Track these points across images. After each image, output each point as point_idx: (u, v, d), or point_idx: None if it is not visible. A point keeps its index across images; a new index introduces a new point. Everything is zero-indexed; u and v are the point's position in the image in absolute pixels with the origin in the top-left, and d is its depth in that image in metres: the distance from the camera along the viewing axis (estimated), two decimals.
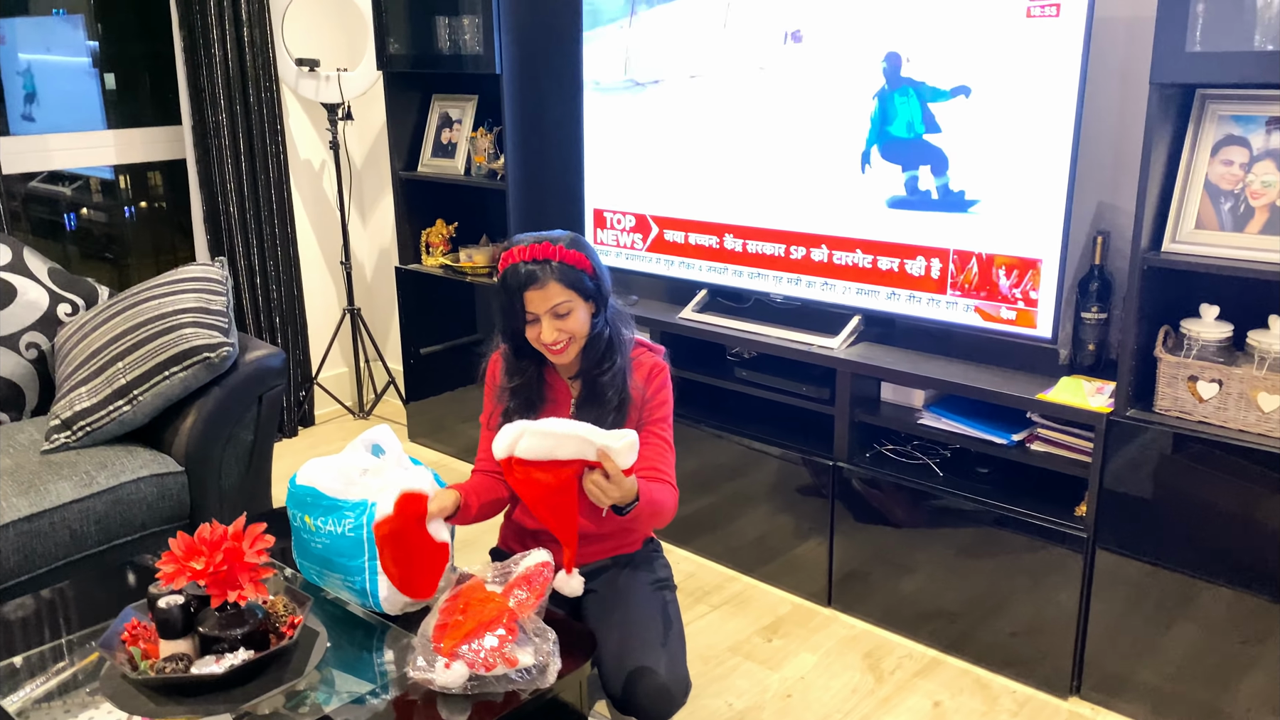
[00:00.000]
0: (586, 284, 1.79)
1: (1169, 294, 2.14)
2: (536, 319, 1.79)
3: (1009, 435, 2.35)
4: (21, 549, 2.20)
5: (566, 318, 1.78)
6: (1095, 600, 2.23)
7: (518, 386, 1.88)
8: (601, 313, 1.83)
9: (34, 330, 2.70)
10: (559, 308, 1.77)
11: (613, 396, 1.83)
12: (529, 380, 1.88)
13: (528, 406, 1.89)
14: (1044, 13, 2.16)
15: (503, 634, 1.58)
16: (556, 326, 1.78)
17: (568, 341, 1.80)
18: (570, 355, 1.83)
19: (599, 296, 1.82)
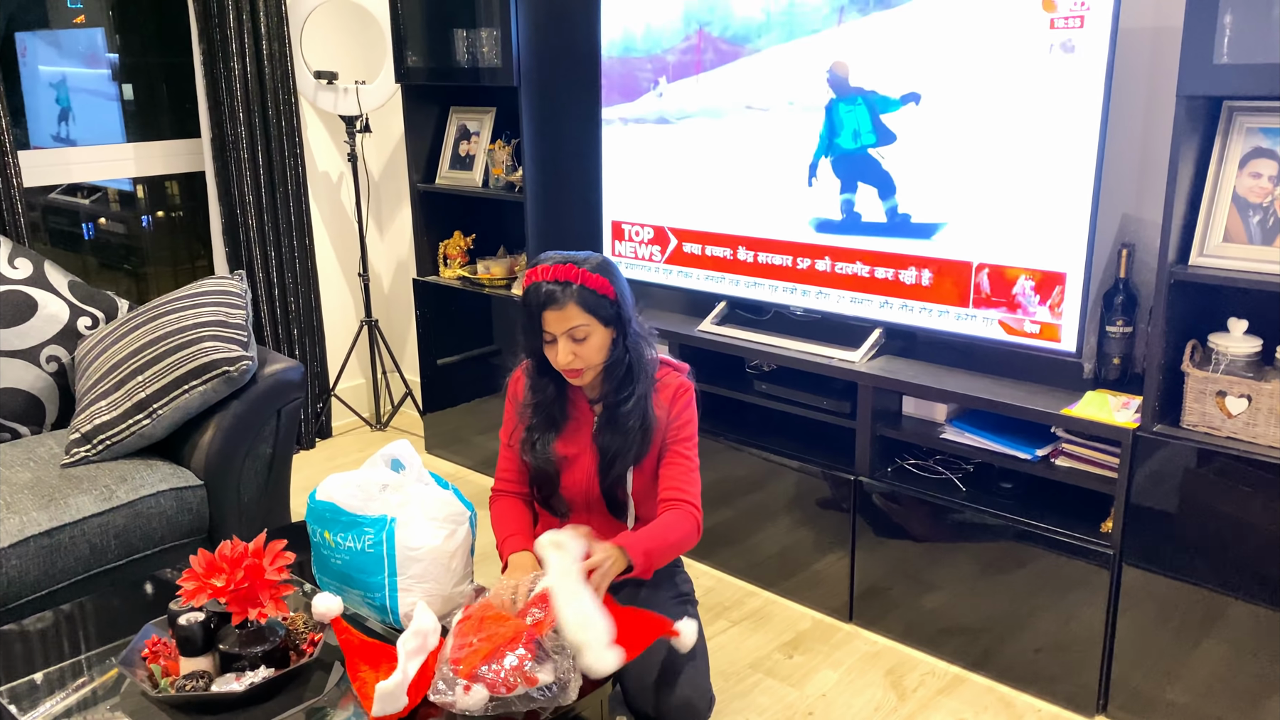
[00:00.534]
0: (606, 309, 1.78)
1: (1196, 308, 2.11)
2: (554, 339, 1.78)
3: (1033, 450, 2.32)
4: (41, 563, 2.20)
5: (583, 342, 1.77)
6: (1122, 617, 2.20)
7: (540, 403, 1.88)
8: (621, 339, 1.81)
9: (54, 344, 2.70)
10: (576, 331, 1.76)
11: (634, 425, 1.82)
12: (550, 398, 1.88)
13: (549, 424, 1.88)
14: (1068, 24, 2.14)
15: (522, 653, 1.57)
16: (572, 350, 1.77)
17: (583, 368, 1.79)
18: (586, 379, 1.83)
19: (619, 323, 1.80)
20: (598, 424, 1.86)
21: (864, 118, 2.47)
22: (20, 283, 2.69)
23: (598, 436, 1.86)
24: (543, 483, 1.92)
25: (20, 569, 2.17)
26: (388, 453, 1.92)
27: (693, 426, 1.89)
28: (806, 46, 2.54)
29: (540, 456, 1.88)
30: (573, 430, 1.88)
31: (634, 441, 1.83)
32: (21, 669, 1.77)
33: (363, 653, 1.66)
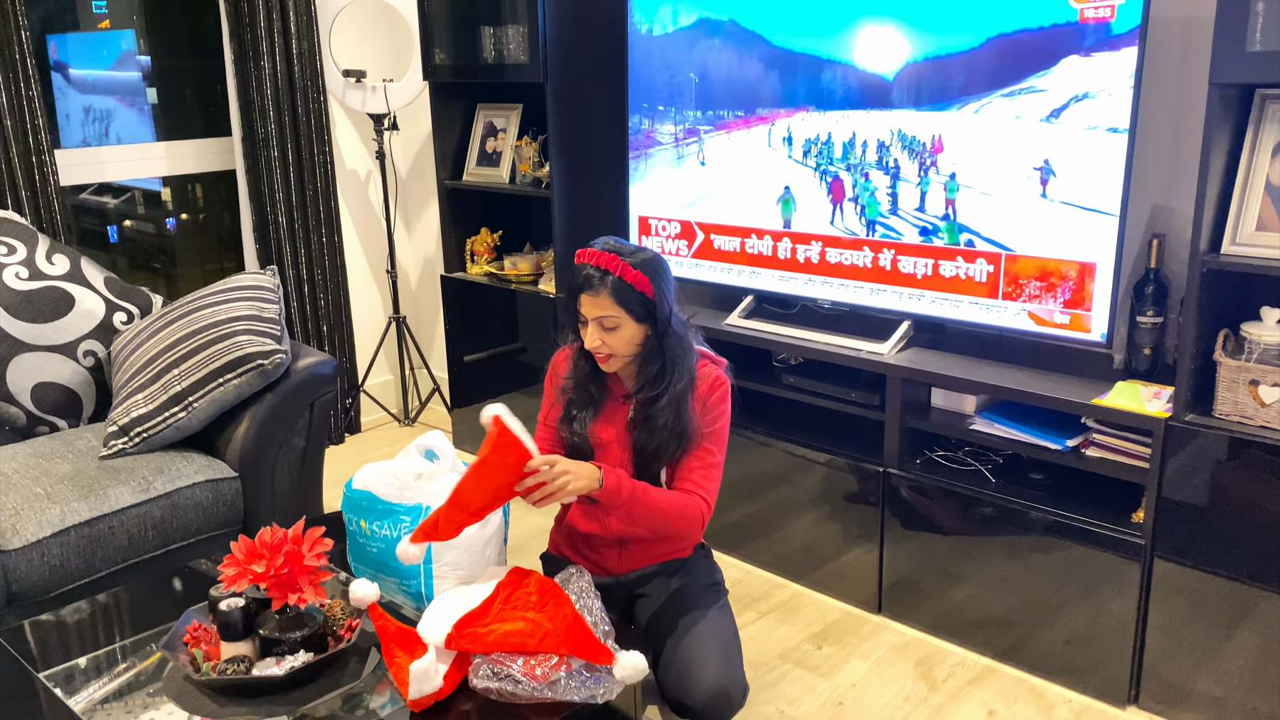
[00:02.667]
0: (639, 306, 1.79)
1: (1228, 297, 2.11)
2: (586, 322, 1.80)
3: (1064, 441, 2.32)
4: (82, 552, 2.24)
5: (612, 332, 1.79)
6: (1154, 608, 2.20)
7: (579, 380, 1.89)
8: (656, 338, 1.82)
9: (91, 338, 2.74)
10: (605, 320, 1.78)
11: (666, 424, 1.82)
12: (587, 376, 1.89)
13: (588, 401, 1.90)
14: (1098, 14, 2.14)
15: (556, 661, 1.59)
16: (600, 336, 1.79)
17: (608, 354, 1.81)
18: (614, 367, 1.84)
19: (654, 321, 1.81)
20: (632, 418, 1.88)
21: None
22: (58, 279, 2.74)
23: (632, 429, 1.87)
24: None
25: (61, 558, 2.21)
26: (422, 443, 1.95)
27: (724, 422, 1.89)
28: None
29: (577, 434, 1.89)
30: (609, 414, 1.90)
31: (670, 442, 1.83)
32: (65, 655, 1.80)
33: (398, 638, 1.69)
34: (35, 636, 1.87)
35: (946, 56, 2.37)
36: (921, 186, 2.47)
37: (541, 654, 1.60)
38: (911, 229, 2.51)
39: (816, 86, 2.61)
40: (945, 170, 2.42)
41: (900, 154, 2.49)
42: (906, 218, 2.52)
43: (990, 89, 2.32)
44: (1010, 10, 2.26)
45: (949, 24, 2.36)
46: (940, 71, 2.39)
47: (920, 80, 2.43)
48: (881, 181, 2.53)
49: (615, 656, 1.63)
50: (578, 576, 1.77)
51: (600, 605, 1.73)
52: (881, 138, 2.51)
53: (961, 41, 2.34)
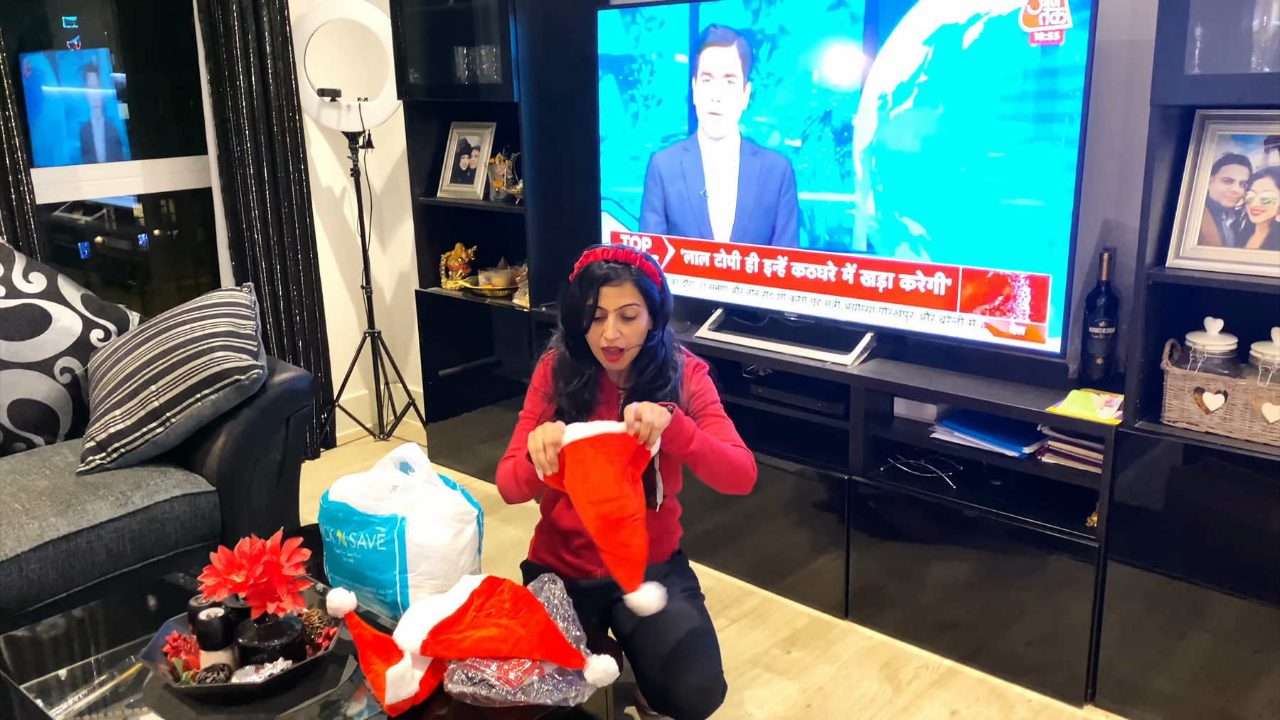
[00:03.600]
0: (655, 296, 1.91)
1: (1174, 308, 2.19)
2: (604, 316, 1.87)
3: (1020, 448, 2.40)
4: (60, 567, 2.27)
5: (631, 321, 1.88)
6: (1108, 609, 2.27)
7: (575, 390, 1.95)
8: (659, 332, 1.93)
9: (68, 355, 2.77)
10: (627, 309, 1.87)
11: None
12: (585, 382, 1.96)
13: (583, 408, 1.96)
14: (1048, 38, 2.23)
15: (529, 666, 1.64)
16: (619, 328, 1.87)
17: (624, 349, 1.88)
18: (623, 363, 1.92)
19: (660, 314, 1.93)
20: (624, 402, 1.94)
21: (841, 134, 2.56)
22: (35, 296, 2.76)
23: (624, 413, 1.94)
24: None
25: (40, 573, 2.24)
26: (397, 455, 2.00)
27: (714, 393, 2.02)
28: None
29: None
30: (602, 414, 1.96)
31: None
32: (45, 667, 1.83)
33: (375, 646, 1.73)
34: (14, 649, 1.90)
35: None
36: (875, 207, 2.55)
37: (515, 659, 1.66)
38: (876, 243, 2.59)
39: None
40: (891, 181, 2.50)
41: (870, 166, 2.57)
42: (873, 236, 2.60)
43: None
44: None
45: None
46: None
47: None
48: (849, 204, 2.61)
49: (587, 661, 1.69)
50: (550, 584, 1.82)
51: (573, 612, 1.79)
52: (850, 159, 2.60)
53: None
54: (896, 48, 2.44)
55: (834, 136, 2.61)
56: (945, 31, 2.37)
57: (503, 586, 1.77)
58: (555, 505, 2.07)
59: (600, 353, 1.92)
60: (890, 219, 2.54)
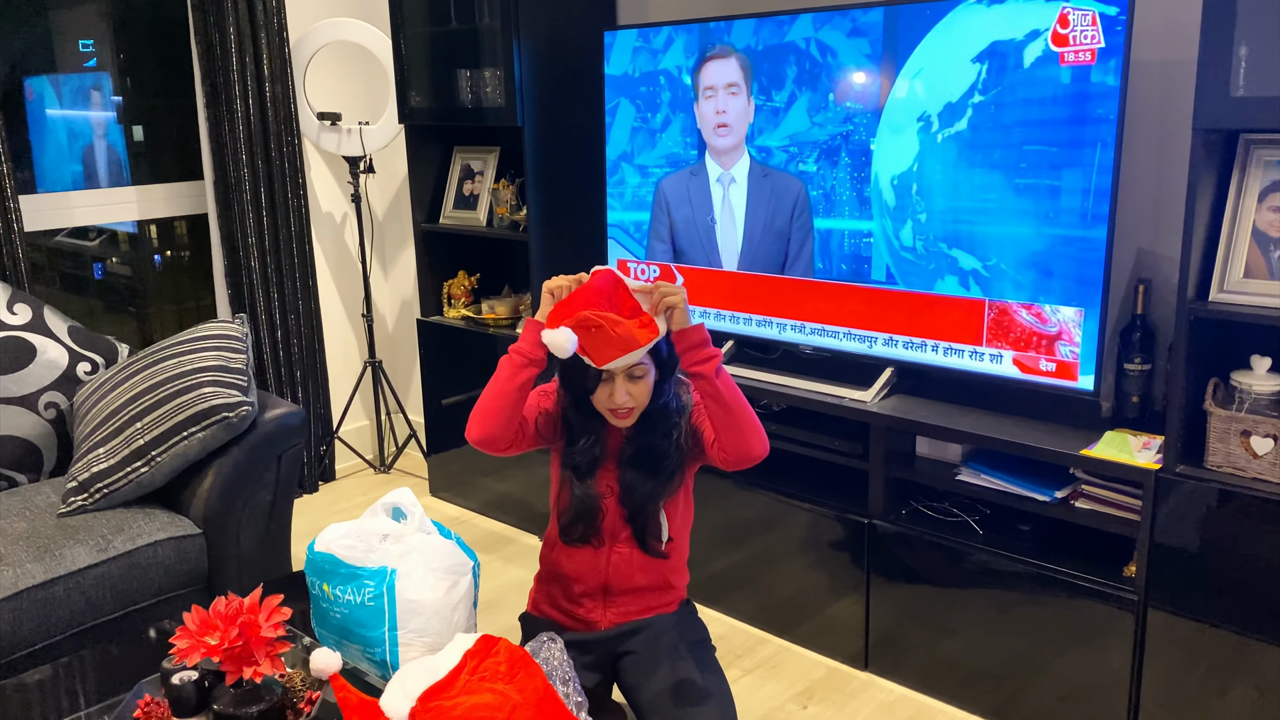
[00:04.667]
0: (661, 351, 1.75)
1: (1217, 345, 2.06)
2: (610, 379, 1.74)
3: (1051, 492, 2.27)
4: (36, 616, 2.15)
5: (639, 381, 1.74)
6: (1148, 663, 2.13)
7: (585, 447, 1.83)
8: (666, 382, 1.80)
9: (53, 390, 2.67)
10: (635, 370, 1.73)
11: (666, 464, 1.80)
12: (594, 441, 1.83)
13: (593, 464, 1.84)
14: (1079, 58, 2.11)
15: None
16: (628, 389, 1.73)
17: (633, 407, 1.76)
18: (631, 421, 1.79)
19: (666, 366, 1.78)
20: (622, 454, 1.83)
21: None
22: (19, 329, 2.66)
23: (622, 467, 1.82)
24: (585, 520, 1.85)
25: (14, 623, 2.12)
26: (389, 501, 1.87)
27: None
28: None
29: (587, 495, 1.84)
30: (608, 463, 1.85)
31: (664, 482, 1.81)
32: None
33: (361, 711, 1.60)
34: None
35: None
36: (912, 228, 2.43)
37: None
38: (900, 271, 2.47)
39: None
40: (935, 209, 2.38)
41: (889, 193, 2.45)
42: (892, 262, 2.48)
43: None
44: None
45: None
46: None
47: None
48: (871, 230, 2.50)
49: None
50: (550, 644, 1.69)
51: (574, 674, 1.66)
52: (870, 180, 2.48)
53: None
54: (938, 66, 2.31)
55: (851, 161, 2.49)
56: (999, 49, 2.23)
57: (499, 647, 1.64)
58: (555, 550, 1.95)
59: (607, 414, 1.79)
60: (934, 249, 2.40)
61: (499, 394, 1.75)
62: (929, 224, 2.37)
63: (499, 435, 1.78)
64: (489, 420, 1.77)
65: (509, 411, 1.76)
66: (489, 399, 1.77)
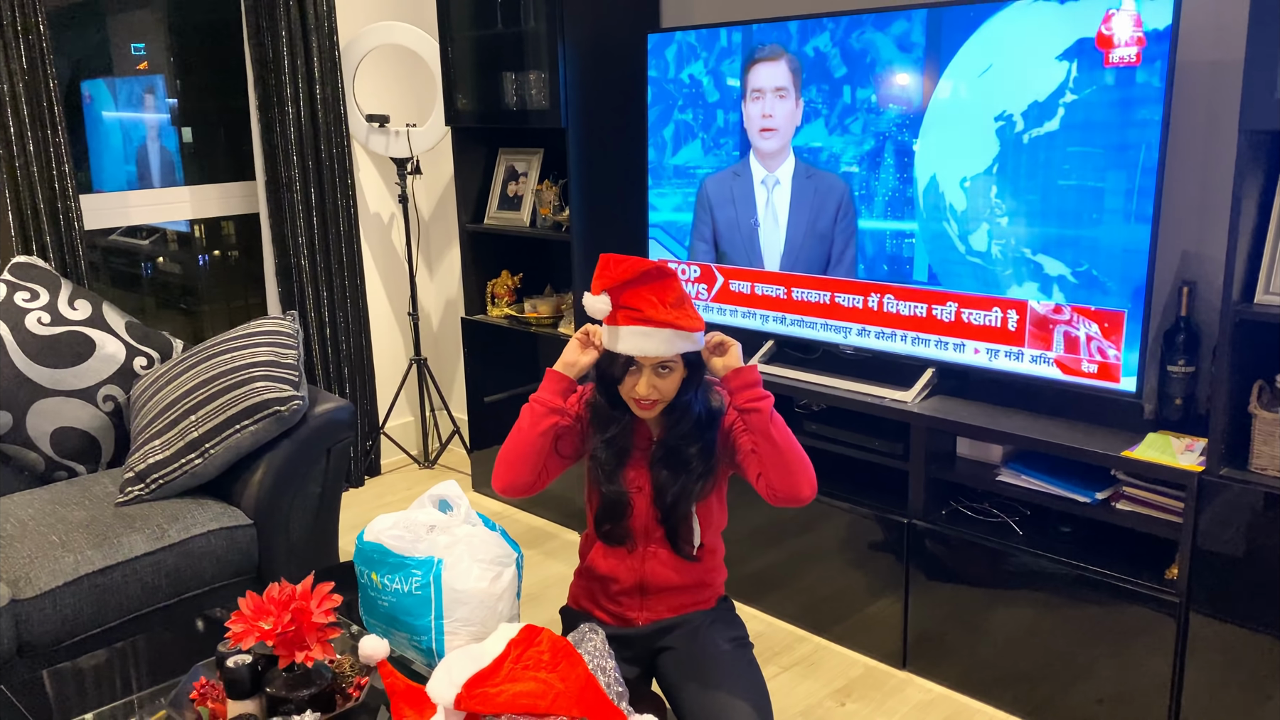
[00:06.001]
0: (693, 351, 1.78)
1: (1263, 347, 2.05)
2: (639, 370, 1.77)
3: (1092, 494, 2.26)
4: (94, 601, 2.23)
5: (666, 376, 1.77)
6: (1190, 667, 2.12)
7: (612, 436, 1.86)
8: (693, 384, 1.81)
9: (111, 383, 2.75)
10: (663, 363, 1.76)
11: (695, 467, 1.82)
12: (623, 430, 1.86)
13: (620, 454, 1.87)
14: (1124, 59, 2.11)
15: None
16: (653, 383, 1.76)
17: (657, 400, 1.78)
18: (654, 413, 1.82)
19: (695, 367, 1.81)
20: (654, 455, 1.85)
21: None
22: (80, 324, 2.75)
23: (653, 467, 1.84)
24: (615, 518, 1.88)
25: (74, 607, 2.20)
26: (435, 493, 1.92)
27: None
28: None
29: (613, 488, 1.86)
30: (638, 459, 1.87)
31: (694, 483, 1.83)
32: (73, 709, 1.78)
33: (408, 697, 1.65)
34: (41, 690, 1.85)
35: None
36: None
37: (553, 715, 1.56)
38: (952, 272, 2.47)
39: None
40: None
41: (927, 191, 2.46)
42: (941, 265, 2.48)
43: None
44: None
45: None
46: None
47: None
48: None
49: (628, 718, 1.59)
50: (591, 635, 1.73)
51: (614, 665, 1.69)
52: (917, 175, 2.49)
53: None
54: (1023, 63, 2.25)
55: (895, 161, 2.50)
56: (1085, 46, 2.19)
57: (541, 637, 1.68)
58: (591, 549, 1.98)
59: (631, 402, 1.83)
60: (1015, 254, 2.34)
61: (522, 443, 1.82)
62: (1011, 228, 2.33)
63: (523, 482, 1.84)
64: (514, 469, 1.84)
65: (533, 460, 1.82)
66: (513, 448, 1.83)
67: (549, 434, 1.81)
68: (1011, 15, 2.26)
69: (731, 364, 1.76)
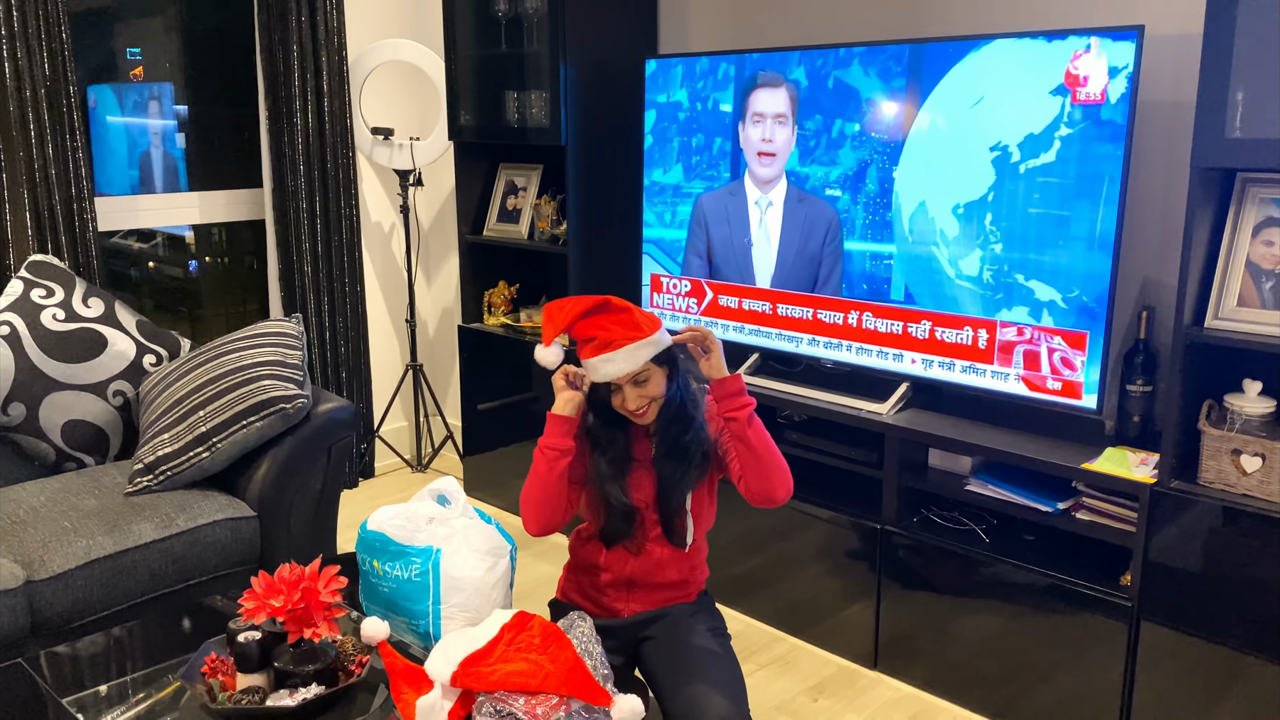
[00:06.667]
0: (662, 355, 1.89)
1: (1212, 369, 2.19)
2: (619, 389, 1.89)
3: (1055, 504, 2.39)
4: (105, 585, 2.33)
5: (646, 383, 1.88)
6: (1140, 671, 2.25)
7: (612, 457, 1.96)
8: (674, 376, 1.93)
9: (121, 379, 2.86)
10: (637, 376, 1.88)
11: (695, 452, 1.93)
12: (619, 447, 1.96)
13: (621, 471, 1.97)
14: (1089, 98, 2.25)
15: (556, 701, 1.65)
16: (638, 393, 1.88)
17: (649, 404, 1.90)
18: (653, 415, 1.93)
19: (671, 361, 1.92)
20: (656, 453, 1.96)
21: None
22: (92, 321, 2.86)
23: (658, 464, 1.95)
24: (622, 523, 1.98)
25: (85, 590, 2.30)
26: (435, 488, 2.04)
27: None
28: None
29: (623, 501, 1.96)
30: (638, 468, 1.98)
31: (695, 469, 1.94)
32: (87, 682, 1.88)
33: (406, 675, 1.76)
34: (57, 664, 1.96)
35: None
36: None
37: (543, 694, 1.67)
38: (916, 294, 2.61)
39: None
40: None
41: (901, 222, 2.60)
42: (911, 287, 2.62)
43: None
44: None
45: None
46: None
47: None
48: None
49: (614, 699, 1.70)
50: (580, 622, 1.84)
51: (601, 650, 1.80)
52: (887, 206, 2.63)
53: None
54: (1017, 97, 2.37)
55: (878, 188, 2.64)
56: (1056, 85, 2.32)
57: (533, 622, 1.79)
58: (585, 544, 2.09)
59: (628, 414, 1.94)
60: (1008, 280, 2.44)
61: (543, 488, 1.92)
62: (1005, 254, 2.44)
63: (554, 519, 1.95)
64: (542, 511, 1.94)
65: (556, 500, 1.93)
66: (535, 493, 1.93)
67: (564, 474, 1.92)
68: (987, 54, 2.41)
69: (716, 368, 1.87)
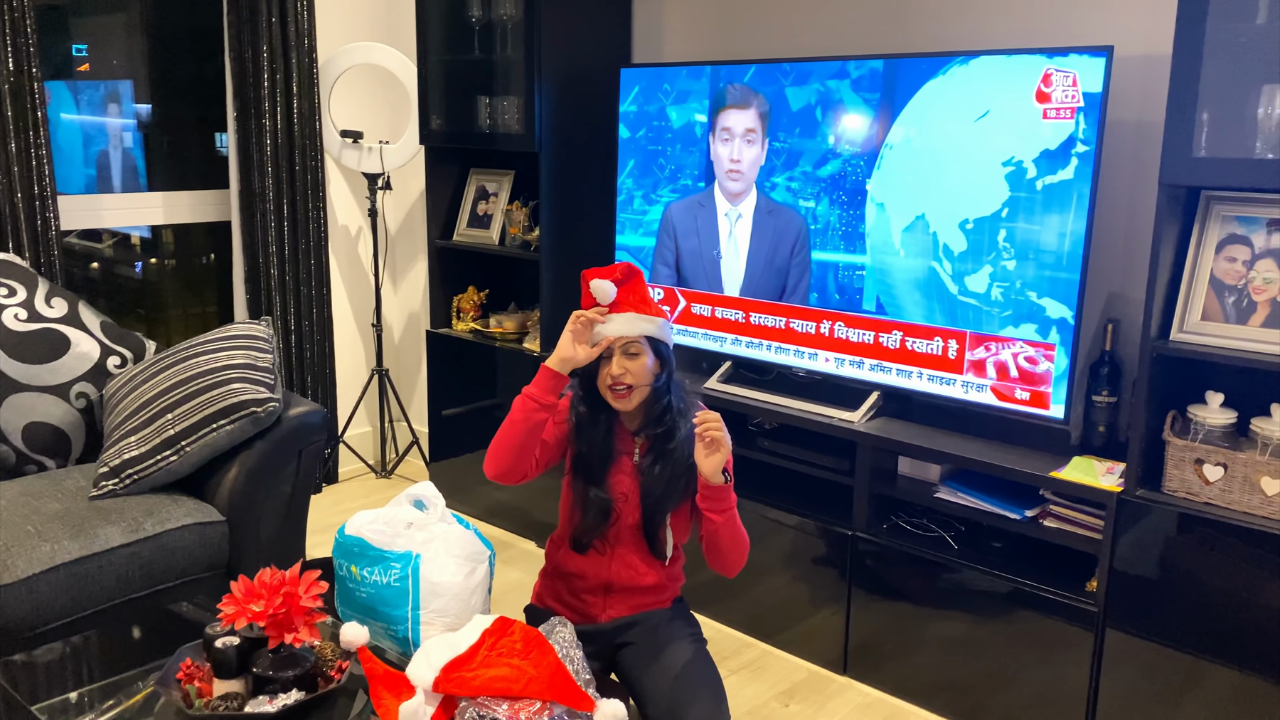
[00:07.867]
0: (663, 346, 1.95)
1: (1176, 380, 2.25)
2: (609, 357, 1.91)
3: (1022, 511, 2.44)
4: (70, 590, 2.28)
5: (635, 359, 1.91)
6: (1105, 676, 2.30)
7: (597, 438, 1.98)
8: (666, 376, 1.95)
9: (84, 380, 2.81)
10: (631, 347, 1.90)
11: (680, 467, 1.95)
12: (606, 431, 1.98)
13: (605, 457, 1.98)
14: (1059, 115, 2.31)
15: (539, 707, 1.65)
16: (624, 365, 1.90)
17: (629, 392, 1.91)
18: (632, 404, 1.94)
19: (664, 360, 1.95)
20: (642, 461, 1.98)
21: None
22: (55, 321, 2.80)
23: (642, 474, 1.97)
24: (597, 518, 1.98)
25: (49, 595, 2.25)
26: (413, 492, 2.03)
27: (730, 460, 1.99)
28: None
29: (599, 493, 1.98)
30: (621, 466, 1.99)
31: (680, 483, 1.96)
32: (57, 689, 1.85)
33: (386, 681, 1.75)
34: (25, 671, 1.91)
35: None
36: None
37: (525, 699, 1.68)
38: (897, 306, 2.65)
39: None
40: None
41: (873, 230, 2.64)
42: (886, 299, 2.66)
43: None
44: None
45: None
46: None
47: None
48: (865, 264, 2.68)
49: (596, 704, 1.71)
50: (560, 627, 1.85)
51: (582, 655, 1.81)
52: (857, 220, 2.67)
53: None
54: (990, 113, 2.41)
55: (847, 198, 2.68)
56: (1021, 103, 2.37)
57: (514, 627, 1.79)
58: (560, 549, 2.10)
59: (608, 393, 1.94)
60: (1019, 297, 2.43)
61: (514, 434, 1.91)
62: (1018, 271, 2.42)
63: (514, 469, 1.94)
64: (506, 457, 1.93)
65: (523, 451, 1.92)
66: (505, 437, 1.92)
67: (539, 429, 1.91)
68: (960, 71, 2.46)
69: (712, 471, 1.86)
